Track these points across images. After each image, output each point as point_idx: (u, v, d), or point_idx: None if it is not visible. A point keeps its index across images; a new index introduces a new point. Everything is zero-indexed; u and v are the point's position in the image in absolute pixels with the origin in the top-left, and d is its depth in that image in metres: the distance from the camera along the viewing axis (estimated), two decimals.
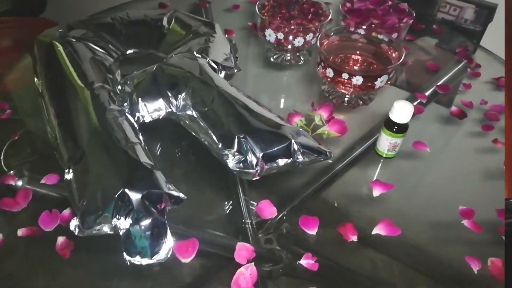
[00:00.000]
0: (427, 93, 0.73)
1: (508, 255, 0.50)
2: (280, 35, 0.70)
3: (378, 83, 0.63)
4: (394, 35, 0.73)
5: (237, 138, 0.49)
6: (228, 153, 0.50)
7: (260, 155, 0.49)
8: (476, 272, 0.46)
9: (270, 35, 0.71)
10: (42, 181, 0.52)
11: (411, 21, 0.74)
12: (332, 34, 0.69)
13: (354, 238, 0.49)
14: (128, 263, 0.42)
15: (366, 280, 0.47)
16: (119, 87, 0.58)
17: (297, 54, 0.77)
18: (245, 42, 0.85)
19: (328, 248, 0.49)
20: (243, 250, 0.46)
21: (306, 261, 0.46)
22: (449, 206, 0.54)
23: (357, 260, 0.49)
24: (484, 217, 0.52)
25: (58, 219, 0.48)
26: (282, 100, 0.71)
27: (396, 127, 0.56)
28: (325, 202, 0.55)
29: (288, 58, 0.77)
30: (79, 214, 0.42)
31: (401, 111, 0.54)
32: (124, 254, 0.43)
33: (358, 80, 0.62)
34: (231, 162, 0.50)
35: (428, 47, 0.95)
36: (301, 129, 0.52)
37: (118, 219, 0.42)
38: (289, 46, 0.72)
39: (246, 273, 0.44)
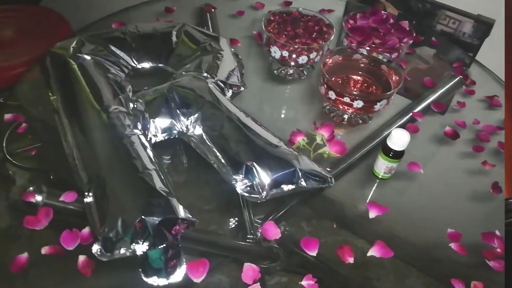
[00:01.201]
0: (422, 106, 0.77)
1: (508, 255, 0.54)
2: (285, 53, 0.73)
3: (378, 106, 0.66)
4: (394, 55, 0.76)
5: (245, 165, 0.53)
6: (237, 178, 0.54)
7: (266, 182, 0.53)
8: None
9: (275, 52, 0.74)
10: (61, 198, 0.56)
11: (411, 42, 0.77)
12: (334, 55, 0.72)
13: (351, 260, 0.53)
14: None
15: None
16: (131, 104, 0.61)
17: (300, 68, 0.80)
18: (249, 52, 0.87)
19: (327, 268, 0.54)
20: (249, 271, 0.51)
21: (307, 282, 0.50)
22: (438, 229, 0.58)
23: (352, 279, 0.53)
24: (469, 240, 0.57)
25: (78, 238, 0.51)
26: (285, 115, 0.75)
27: (392, 153, 0.60)
28: (325, 222, 0.59)
29: (291, 72, 0.80)
30: (101, 239, 0.45)
31: (398, 139, 0.58)
32: (142, 274, 0.47)
33: (359, 104, 0.65)
34: (239, 186, 0.54)
35: (426, 57, 0.98)
36: (305, 156, 0.56)
37: (137, 243, 0.46)
38: (293, 63, 0.75)
39: None
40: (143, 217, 0.46)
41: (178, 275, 0.48)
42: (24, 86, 0.76)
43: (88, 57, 0.65)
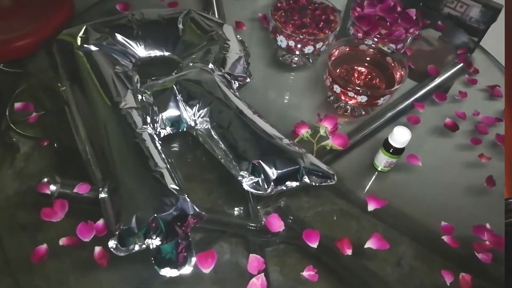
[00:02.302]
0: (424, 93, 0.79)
1: (508, 255, 0.58)
2: (292, 43, 0.73)
3: (381, 101, 0.67)
4: (400, 45, 0.76)
5: (252, 164, 0.55)
6: (243, 175, 0.56)
7: (272, 179, 0.55)
8: (448, 284, 0.55)
9: (282, 41, 0.74)
10: (75, 190, 0.58)
11: (417, 32, 0.77)
12: (341, 46, 0.73)
13: (349, 251, 0.57)
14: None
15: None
16: (139, 96, 0.62)
17: (306, 56, 0.80)
18: (255, 36, 0.87)
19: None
20: (254, 262, 0.54)
21: (307, 273, 0.54)
22: (433, 222, 0.62)
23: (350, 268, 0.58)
24: (461, 233, 0.60)
25: (93, 230, 0.54)
26: (289, 104, 0.76)
27: (392, 149, 0.62)
28: (326, 215, 0.62)
29: (297, 59, 0.80)
30: (117, 236, 0.49)
31: (399, 137, 0.60)
32: (155, 266, 0.51)
33: (363, 98, 0.66)
34: (245, 182, 0.56)
35: (431, 39, 0.98)
36: (309, 154, 0.58)
37: (150, 238, 0.50)
38: (299, 52, 0.75)
39: (257, 283, 0.52)
40: (155, 215, 0.49)
41: (188, 266, 0.51)
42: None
43: (95, 48, 0.65)
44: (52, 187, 0.58)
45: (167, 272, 0.51)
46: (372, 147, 0.69)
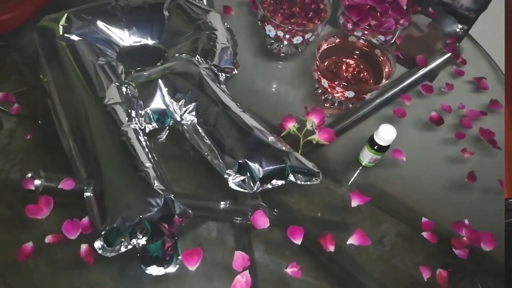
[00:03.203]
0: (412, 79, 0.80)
1: (508, 255, 0.60)
2: (280, 33, 0.72)
3: (368, 96, 0.67)
4: (389, 37, 0.75)
5: (238, 162, 0.56)
6: (229, 173, 0.56)
7: (257, 177, 0.56)
8: (426, 280, 0.58)
9: (270, 30, 0.72)
10: (60, 186, 0.58)
11: (406, 23, 0.76)
12: (329, 37, 0.71)
13: (332, 248, 0.58)
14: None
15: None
16: (124, 89, 0.61)
17: (295, 45, 0.79)
18: (243, 22, 0.85)
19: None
20: (239, 259, 0.55)
21: (291, 270, 0.56)
22: (414, 217, 0.63)
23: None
24: (441, 229, 0.62)
25: (79, 228, 0.54)
26: (277, 95, 0.76)
27: (377, 147, 0.62)
28: (310, 210, 0.64)
29: (285, 48, 0.79)
30: (103, 237, 0.49)
31: (384, 135, 0.61)
32: (141, 264, 0.52)
33: (350, 94, 0.66)
34: (231, 180, 0.57)
35: (421, 25, 0.97)
36: (295, 153, 0.58)
37: (136, 239, 0.50)
38: (287, 42, 0.74)
39: (242, 281, 0.54)
40: (141, 216, 0.49)
41: (174, 265, 0.52)
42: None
43: (78, 38, 0.63)
44: (37, 182, 0.58)
45: (153, 270, 0.52)
46: (357, 140, 0.70)
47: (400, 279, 0.59)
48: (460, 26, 0.95)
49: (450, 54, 0.86)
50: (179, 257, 0.53)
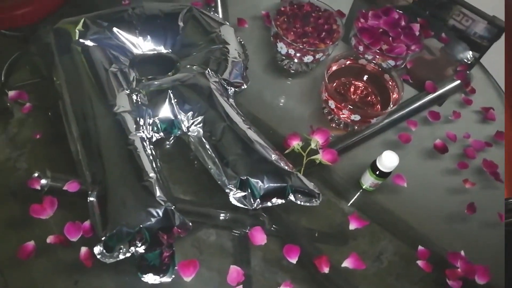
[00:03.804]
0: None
1: (508, 256, 0.60)
2: (291, 51, 0.72)
3: (374, 120, 0.68)
4: (399, 62, 0.76)
5: (240, 179, 0.56)
6: (231, 188, 0.57)
7: (258, 195, 0.56)
8: None
9: (282, 48, 0.73)
10: (64, 188, 0.59)
11: (417, 50, 0.76)
12: (340, 59, 0.72)
13: (326, 270, 0.59)
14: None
15: None
16: (134, 96, 0.62)
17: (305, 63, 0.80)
18: (256, 36, 0.86)
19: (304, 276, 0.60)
20: (234, 273, 0.56)
21: None
22: (410, 245, 0.64)
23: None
24: (436, 259, 0.63)
25: (81, 230, 0.56)
26: (284, 111, 0.76)
27: (379, 172, 0.63)
28: (308, 230, 0.64)
29: (296, 66, 0.79)
30: (103, 243, 0.50)
31: (387, 162, 0.61)
32: (138, 272, 0.53)
33: (356, 117, 0.67)
34: (232, 195, 0.58)
35: (433, 49, 0.98)
36: (297, 173, 0.59)
37: (135, 247, 0.51)
38: (298, 60, 0.75)
39: None
40: (141, 225, 0.50)
41: (170, 274, 0.53)
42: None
43: (93, 44, 0.65)
44: (43, 181, 0.60)
45: (149, 278, 0.53)
46: (360, 162, 0.70)
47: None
48: (472, 54, 0.95)
49: (459, 81, 0.87)
50: (176, 267, 0.54)
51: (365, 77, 0.73)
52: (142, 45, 0.71)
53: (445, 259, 0.63)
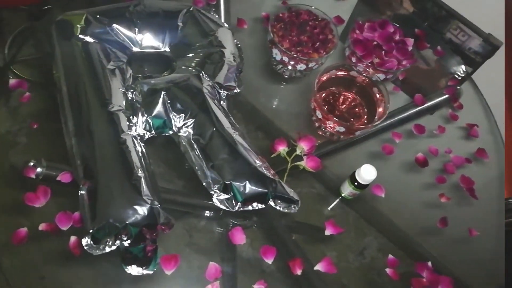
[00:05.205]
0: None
1: (508, 255, 0.63)
2: (285, 58, 0.75)
3: (358, 133, 0.71)
4: (390, 76, 0.78)
5: (224, 183, 0.60)
6: (215, 189, 0.61)
7: (240, 199, 0.60)
8: None
9: (276, 54, 0.76)
10: (58, 178, 0.62)
11: (408, 66, 0.78)
12: (331, 70, 0.74)
13: (299, 272, 0.63)
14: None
15: None
16: (129, 94, 0.65)
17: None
18: (254, 37, 0.87)
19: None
20: (212, 269, 0.60)
21: (258, 286, 0.60)
22: (381, 254, 0.68)
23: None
24: (404, 269, 0.67)
25: (71, 220, 0.59)
26: (274, 115, 0.79)
27: (357, 183, 0.66)
28: (286, 233, 0.68)
29: (289, 72, 0.81)
30: (90, 236, 0.54)
31: (365, 175, 0.64)
32: (122, 264, 0.57)
33: (341, 129, 0.70)
34: (215, 196, 0.61)
35: (428, 59, 1.00)
36: (279, 181, 0.62)
37: (121, 241, 0.55)
38: (291, 67, 0.77)
39: None
40: (127, 222, 0.54)
41: (152, 267, 0.57)
42: None
43: (92, 40, 0.67)
44: (38, 170, 0.63)
45: (133, 270, 0.57)
46: (342, 170, 0.73)
47: None
48: (464, 68, 0.97)
49: (448, 96, 0.89)
50: (158, 261, 0.58)
51: (355, 89, 0.76)
52: (141, 42, 0.73)
53: (412, 271, 0.67)
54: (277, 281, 0.64)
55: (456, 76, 0.94)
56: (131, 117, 0.63)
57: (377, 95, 0.74)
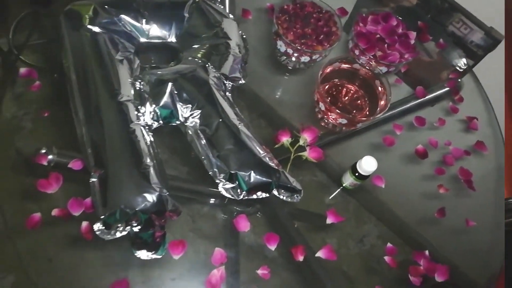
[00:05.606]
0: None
1: (508, 255, 0.65)
2: (290, 50, 0.76)
3: (360, 125, 0.72)
4: (392, 69, 0.79)
5: (230, 172, 0.62)
6: (221, 179, 0.63)
7: (244, 189, 0.62)
8: None
9: (281, 46, 0.77)
10: (69, 166, 0.64)
11: (410, 59, 0.80)
12: (334, 62, 0.76)
13: (301, 258, 0.65)
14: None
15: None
16: (137, 84, 0.67)
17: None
18: (259, 28, 0.88)
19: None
20: (218, 255, 0.63)
21: (261, 271, 0.63)
22: (380, 242, 0.70)
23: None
24: (403, 257, 0.69)
25: (83, 206, 0.61)
26: (278, 105, 0.81)
27: (358, 174, 0.68)
28: (288, 220, 0.70)
29: (294, 63, 0.83)
30: (102, 222, 0.56)
31: (366, 167, 0.66)
32: (132, 248, 0.59)
33: (343, 121, 0.71)
34: (221, 186, 0.63)
35: (431, 51, 1.01)
36: (283, 171, 0.64)
37: (131, 227, 0.57)
38: (295, 59, 0.79)
39: (217, 275, 0.61)
40: (137, 209, 0.56)
41: (161, 252, 0.59)
42: None
43: (100, 30, 0.68)
44: (50, 157, 0.65)
45: (142, 254, 0.59)
46: (344, 160, 0.75)
47: None
48: (466, 61, 0.98)
49: (449, 89, 0.90)
50: (166, 246, 0.60)
51: (357, 81, 0.77)
52: (148, 33, 0.74)
53: (410, 259, 0.69)
54: (279, 267, 0.66)
55: (458, 69, 0.95)
56: (139, 107, 0.65)
57: (379, 88, 0.76)
